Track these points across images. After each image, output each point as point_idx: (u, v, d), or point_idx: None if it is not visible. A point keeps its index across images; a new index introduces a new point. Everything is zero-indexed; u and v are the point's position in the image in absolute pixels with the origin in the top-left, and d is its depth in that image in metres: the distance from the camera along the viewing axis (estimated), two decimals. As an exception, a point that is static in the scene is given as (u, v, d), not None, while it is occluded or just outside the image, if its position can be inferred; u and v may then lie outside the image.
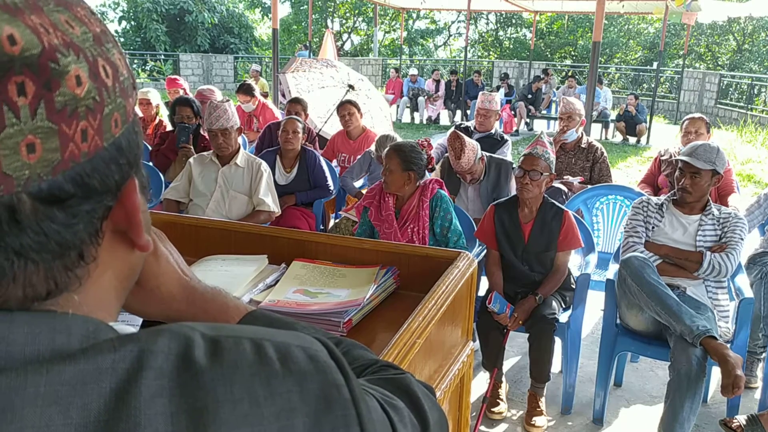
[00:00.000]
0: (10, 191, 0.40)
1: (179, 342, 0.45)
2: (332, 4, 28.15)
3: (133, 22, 23.73)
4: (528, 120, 13.15)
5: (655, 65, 17.00)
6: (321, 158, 4.42)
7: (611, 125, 12.39)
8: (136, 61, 22.61)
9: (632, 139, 11.98)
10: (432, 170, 3.43)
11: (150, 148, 4.92)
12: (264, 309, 1.25)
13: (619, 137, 12.19)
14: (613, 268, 3.15)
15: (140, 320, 1.08)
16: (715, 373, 3.04)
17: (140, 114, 5.80)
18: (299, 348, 0.49)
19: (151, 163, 4.66)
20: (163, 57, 22.28)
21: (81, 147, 0.43)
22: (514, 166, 3.73)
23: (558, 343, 3.00)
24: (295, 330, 0.69)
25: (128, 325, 1.12)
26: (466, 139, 3.71)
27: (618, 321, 2.96)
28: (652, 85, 14.01)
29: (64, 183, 0.42)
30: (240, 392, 0.44)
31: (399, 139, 3.77)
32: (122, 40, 24.38)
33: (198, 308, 0.71)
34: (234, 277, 1.32)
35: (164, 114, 5.76)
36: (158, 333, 0.45)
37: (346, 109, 5.13)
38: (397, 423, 0.56)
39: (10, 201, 0.40)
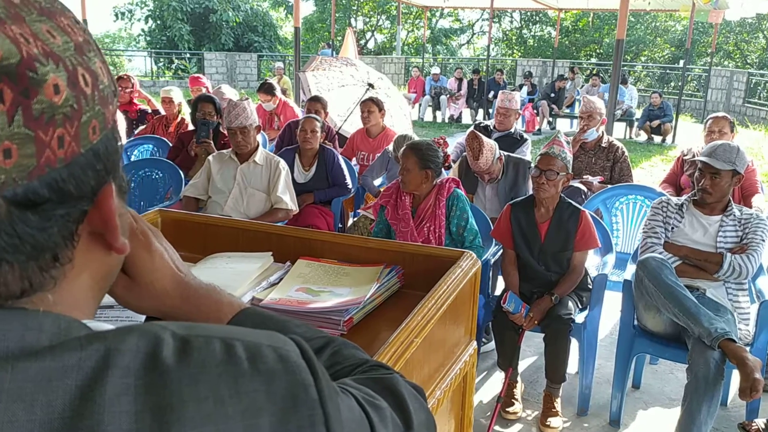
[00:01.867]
0: None
1: (148, 341, 0.45)
2: (356, 2, 28.19)
3: (159, 21, 23.99)
4: (551, 119, 13.05)
5: (681, 63, 16.75)
6: (339, 157, 4.43)
7: (636, 124, 12.25)
8: (161, 59, 22.89)
9: (657, 138, 11.84)
10: (449, 168, 3.42)
11: (171, 145, 4.97)
12: (264, 306, 1.26)
13: (643, 136, 12.04)
14: (631, 269, 3.12)
15: (142, 317, 1.10)
16: (736, 376, 3.00)
17: (163, 112, 5.88)
18: (270, 348, 0.50)
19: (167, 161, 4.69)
20: (188, 56, 22.50)
21: (57, 153, 0.44)
22: (531, 165, 3.70)
23: (574, 343, 2.98)
24: (287, 328, 0.70)
25: (131, 321, 1.14)
26: (485, 139, 3.69)
27: (636, 322, 2.93)
28: (680, 84, 13.81)
29: (39, 188, 0.44)
30: (205, 391, 0.44)
31: (416, 138, 3.76)
32: (148, 39, 24.70)
33: (192, 304, 0.72)
34: (238, 275, 1.33)
35: (186, 112, 5.82)
36: (128, 332, 0.46)
37: (366, 106, 5.15)
38: (376, 423, 0.56)
39: None
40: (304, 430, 0.48)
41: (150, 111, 6.48)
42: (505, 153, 3.97)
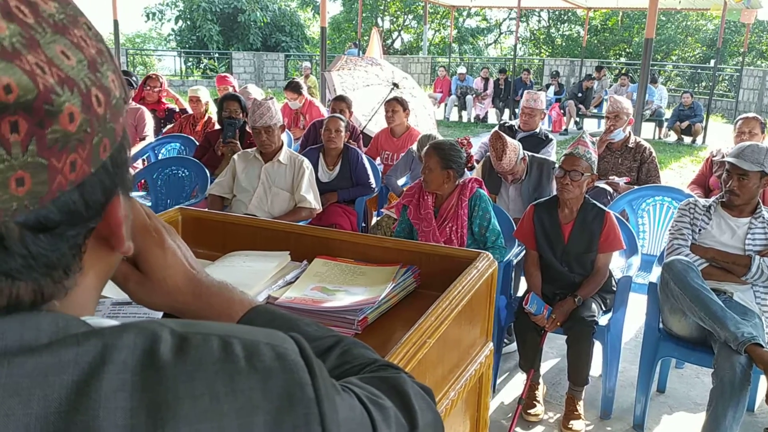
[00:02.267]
0: None
1: (145, 338, 0.45)
2: (383, 2, 28.18)
3: (188, 22, 24.27)
4: (578, 119, 12.91)
5: (713, 63, 16.47)
6: (363, 156, 4.44)
7: (665, 124, 12.07)
8: (191, 59, 23.15)
9: (687, 139, 11.65)
10: (472, 169, 3.40)
11: (198, 144, 5.03)
12: (279, 305, 1.27)
13: (673, 136, 11.87)
14: (656, 271, 3.08)
15: (159, 314, 1.12)
16: (763, 382, 2.94)
17: (190, 111, 5.94)
18: (268, 346, 0.50)
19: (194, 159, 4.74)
20: (216, 56, 22.73)
21: (69, 177, 0.45)
22: (555, 165, 3.67)
23: (598, 346, 2.95)
24: (297, 325, 0.70)
25: (148, 317, 1.16)
26: (508, 139, 3.67)
27: (661, 326, 2.89)
28: (711, 84, 13.58)
29: (50, 212, 0.44)
30: (201, 388, 0.44)
31: (440, 138, 3.76)
32: (178, 38, 25.00)
33: (203, 301, 0.72)
34: (254, 273, 1.34)
35: (213, 111, 5.88)
36: (125, 328, 0.46)
37: (391, 105, 5.15)
38: (379, 422, 0.56)
39: None
40: (299, 429, 0.48)
41: (178, 110, 6.56)
42: (529, 153, 3.94)
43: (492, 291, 1.31)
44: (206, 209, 3.05)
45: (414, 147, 4.47)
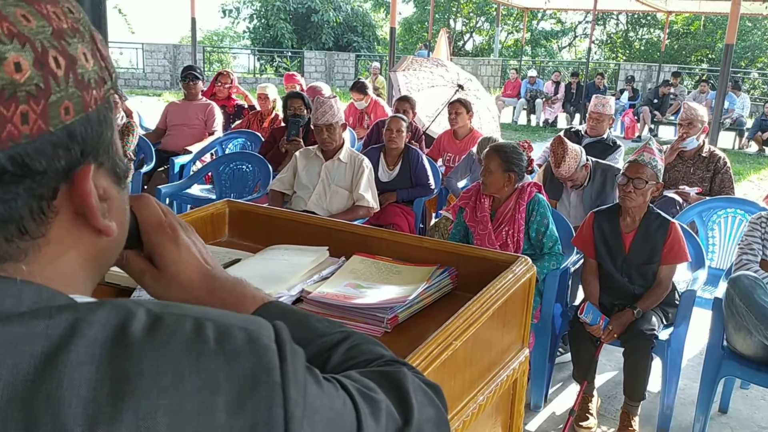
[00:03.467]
0: None
1: (119, 315, 0.47)
2: (455, 3, 28.03)
3: (263, 20, 24.83)
4: (652, 126, 12.48)
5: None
6: (424, 157, 4.43)
7: (746, 134, 11.53)
8: (264, 57, 23.67)
9: (769, 150, 11.11)
10: (532, 173, 3.34)
11: (263, 140, 5.14)
12: (311, 299, 1.28)
13: (754, 147, 11.33)
14: (723, 287, 2.94)
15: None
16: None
17: (258, 108, 6.08)
18: (243, 330, 0.50)
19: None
20: (289, 54, 23.15)
21: (21, 129, 0.46)
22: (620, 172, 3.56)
23: (657, 361, 2.84)
24: (307, 320, 0.71)
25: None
26: (570, 145, 3.58)
27: (725, 343, 2.76)
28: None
29: (1, 160, 0.45)
30: (165, 366, 0.45)
31: (501, 141, 3.70)
32: (252, 36, 25.59)
33: (216, 297, 0.73)
34: (291, 267, 1.35)
35: (280, 108, 6.00)
36: (99, 305, 0.47)
37: (454, 107, 5.12)
38: (365, 414, 0.55)
39: None
40: (260, 411, 0.48)
41: (246, 106, 6.71)
42: (594, 159, 3.83)
43: (529, 296, 1.27)
44: (265, 204, 3.11)
45: (474, 149, 4.42)
